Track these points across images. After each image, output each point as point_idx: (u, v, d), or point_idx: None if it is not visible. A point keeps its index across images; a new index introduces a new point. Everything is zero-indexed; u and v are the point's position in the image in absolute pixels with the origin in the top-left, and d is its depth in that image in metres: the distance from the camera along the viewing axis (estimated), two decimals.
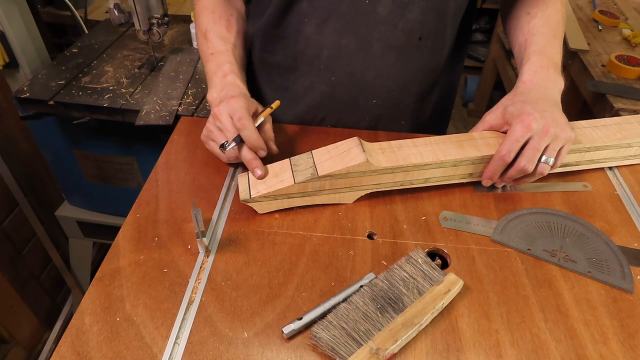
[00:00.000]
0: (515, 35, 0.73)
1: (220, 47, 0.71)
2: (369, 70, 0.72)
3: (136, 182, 1.28)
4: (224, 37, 0.72)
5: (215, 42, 0.72)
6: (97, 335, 0.48)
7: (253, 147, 0.61)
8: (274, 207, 0.61)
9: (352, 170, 0.58)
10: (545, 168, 0.60)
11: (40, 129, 1.21)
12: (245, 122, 0.60)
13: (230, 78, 0.68)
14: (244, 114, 0.61)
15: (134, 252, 0.56)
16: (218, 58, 0.70)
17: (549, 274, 0.55)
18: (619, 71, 1.33)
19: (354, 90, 0.74)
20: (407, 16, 0.66)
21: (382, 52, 0.70)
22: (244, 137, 0.61)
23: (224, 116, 0.62)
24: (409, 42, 0.69)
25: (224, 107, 0.62)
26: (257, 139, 0.61)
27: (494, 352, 0.47)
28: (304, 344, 0.48)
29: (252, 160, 0.61)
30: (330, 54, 0.71)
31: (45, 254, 1.47)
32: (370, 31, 0.68)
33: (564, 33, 0.71)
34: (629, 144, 0.67)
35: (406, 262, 0.53)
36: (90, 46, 1.30)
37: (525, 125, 0.58)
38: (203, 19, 0.74)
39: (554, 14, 0.70)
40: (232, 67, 0.69)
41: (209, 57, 0.71)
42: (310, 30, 0.70)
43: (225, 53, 0.71)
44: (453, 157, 0.61)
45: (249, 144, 0.61)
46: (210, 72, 0.70)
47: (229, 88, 0.66)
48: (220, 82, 0.68)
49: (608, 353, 0.47)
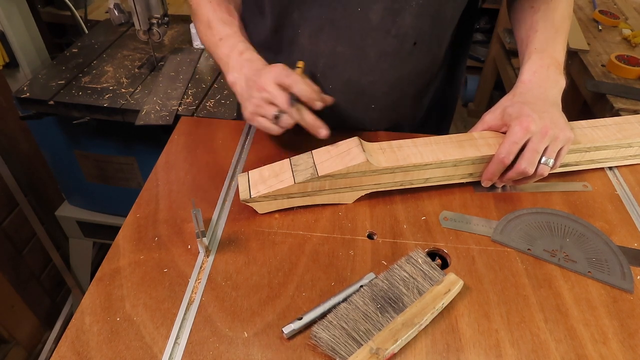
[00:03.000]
0: (518, 29, 0.73)
1: (227, 31, 0.69)
2: (365, 77, 0.71)
3: (136, 182, 1.28)
4: (228, 22, 0.71)
5: (221, 28, 0.70)
6: (97, 335, 0.48)
7: (310, 99, 0.60)
8: (274, 207, 0.61)
9: (352, 170, 0.58)
10: (545, 169, 0.60)
11: (40, 129, 1.21)
12: (295, 77, 0.58)
13: (248, 54, 0.65)
14: (290, 71, 0.59)
15: (134, 252, 0.56)
16: (228, 41, 0.68)
17: (549, 274, 0.55)
18: (619, 71, 1.33)
19: (352, 97, 0.74)
20: (400, 22, 0.65)
21: (377, 58, 0.69)
22: (298, 91, 0.58)
23: (270, 85, 0.59)
24: (403, 48, 0.68)
25: (267, 76, 0.60)
26: (312, 89, 0.59)
27: (494, 352, 0.47)
28: (304, 344, 0.48)
29: (316, 121, 0.60)
30: (326, 63, 0.71)
31: (45, 254, 1.47)
32: (364, 38, 0.67)
33: (569, 28, 0.70)
34: (629, 144, 0.67)
35: (406, 262, 0.53)
36: (90, 46, 1.30)
37: (524, 127, 0.58)
38: (203, 10, 0.72)
39: (558, 7, 0.69)
40: (245, 44, 0.67)
41: (217, 43, 0.69)
42: (304, 40, 0.69)
43: (234, 35, 0.69)
44: (453, 157, 0.61)
45: (305, 96, 0.59)
46: (224, 55, 0.67)
47: (253, 63, 0.64)
48: (238, 61, 0.65)
49: (608, 353, 0.47)
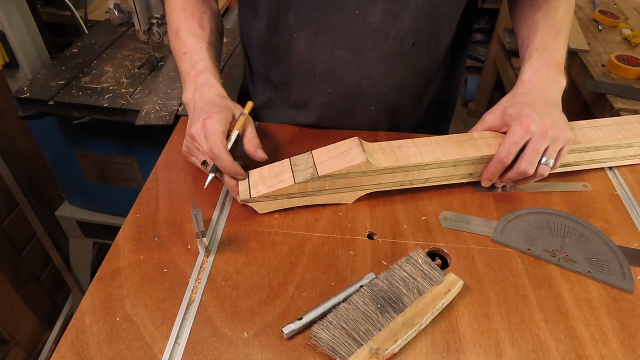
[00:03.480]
0: (519, 28, 0.72)
1: (192, 45, 0.70)
2: (365, 80, 0.71)
3: (136, 182, 1.28)
4: (196, 35, 0.71)
5: (188, 40, 0.70)
6: (97, 335, 0.48)
7: (230, 174, 0.61)
8: (274, 207, 0.61)
9: (352, 170, 0.58)
10: (545, 169, 0.60)
11: (40, 129, 1.21)
12: (217, 151, 0.58)
13: (203, 77, 0.66)
14: (216, 140, 0.58)
15: (134, 252, 0.56)
16: (191, 57, 0.69)
17: (549, 274, 0.55)
18: (619, 71, 1.33)
19: (352, 100, 0.74)
20: (399, 24, 0.65)
21: (376, 60, 0.69)
22: (219, 167, 0.60)
23: (200, 138, 0.60)
24: (402, 49, 0.68)
25: (199, 130, 0.60)
26: (232, 166, 0.59)
27: (494, 352, 0.47)
28: (304, 344, 0.48)
29: (234, 187, 0.61)
30: (324, 67, 0.70)
31: (45, 254, 1.47)
32: (363, 41, 0.67)
33: (570, 27, 0.69)
34: (629, 144, 0.67)
35: (406, 262, 0.53)
36: (90, 46, 1.30)
37: (524, 127, 0.58)
38: (174, 18, 0.72)
39: (560, 7, 0.68)
40: (205, 64, 0.68)
41: (181, 56, 0.70)
42: (300, 45, 0.69)
43: (198, 51, 0.69)
44: (453, 157, 0.61)
45: (226, 172, 0.60)
46: (184, 72, 0.69)
47: (203, 89, 0.65)
48: (193, 82, 0.66)
49: (608, 353, 0.47)
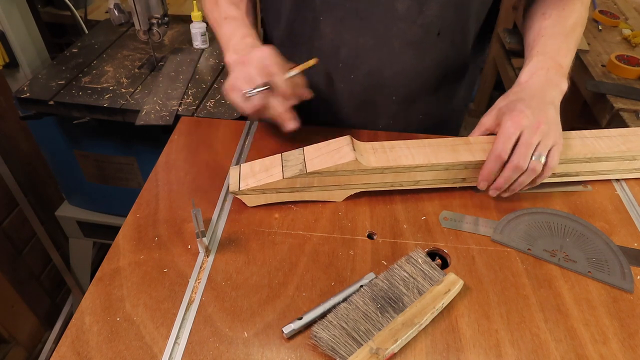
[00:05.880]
0: (527, 36, 0.72)
1: (233, 12, 0.68)
2: (387, 68, 0.70)
3: (136, 182, 1.28)
4: (235, 4, 0.70)
5: (227, 8, 0.69)
6: (97, 335, 0.48)
7: (282, 94, 0.58)
8: (262, 200, 0.61)
9: (340, 168, 0.58)
10: (537, 165, 0.57)
11: (40, 129, 1.21)
12: (276, 68, 0.57)
13: (250, 40, 0.64)
14: (275, 60, 0.58)
15: (134, 252, 0.56)
16: (233, 22, 0.67)
17: (549, 274, 0.55)
18: (619, 71, 1.33)
19: (373, 88, 0.73)
20: (426, 12, 0.65)
21: (401, 48, 0.68)
22: (273, 83, 0.57)
23: (254, 63, 0.58)
24: (427, 38, 0.68)
25: (255, 54, 0.58)
26: (287, 86, 0.57)
27: (494, 352, 0.47)
28: (304, 343, 0.48)
29: (283, 113, 0.58)
30: (348, 53, 0.70)
31: (45, 254, 1.47)
32: (389, 28, 0.66)
33: (580, 36, 0.69)
34: (633, 157, 0.64)
35: (406, 262, 0.53)
36: (90, 46, 1.30)
37: (515, 121, 0.57)
38: None
39: (570, 16, 0.68)
40: (249, 30, 0.66)
41: (222, 21, 0.68)
42: (326, 29, 0.69)
43: (239, 18, 0.68)
44: (445, 160, 0.60)
45: (278, 90, 0.58)
46: (226, 35, 0.66)
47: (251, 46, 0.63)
48: (240, 43, 0.63)
49: (608, 353, 0.47)
